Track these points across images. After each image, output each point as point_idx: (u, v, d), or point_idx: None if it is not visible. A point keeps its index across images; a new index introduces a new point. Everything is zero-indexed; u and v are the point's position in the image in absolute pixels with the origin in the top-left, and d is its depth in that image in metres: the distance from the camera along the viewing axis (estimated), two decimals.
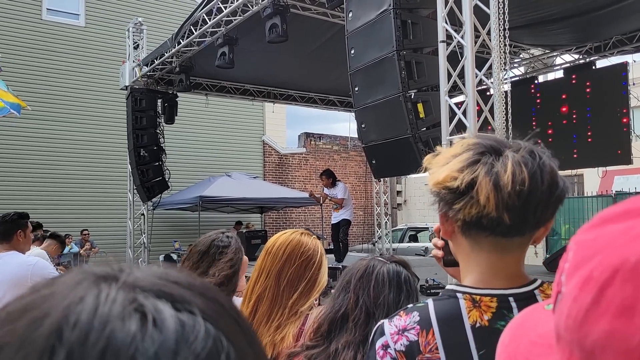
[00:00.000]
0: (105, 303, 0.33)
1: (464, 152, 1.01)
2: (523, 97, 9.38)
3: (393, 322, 1.07)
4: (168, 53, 9.56)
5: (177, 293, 0.36)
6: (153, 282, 0.36)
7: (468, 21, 4.74)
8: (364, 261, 1.68)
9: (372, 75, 5.29)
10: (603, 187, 13.81)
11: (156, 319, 0.33)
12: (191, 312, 0.34)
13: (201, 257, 2.10)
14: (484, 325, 1.00)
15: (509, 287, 1.02)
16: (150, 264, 0.41)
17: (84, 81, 14.15)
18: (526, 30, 8.52)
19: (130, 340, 0.31)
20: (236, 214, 15.22)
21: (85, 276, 0.36)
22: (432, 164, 1.05)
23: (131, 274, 0.37)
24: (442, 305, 1.05)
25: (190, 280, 0.38)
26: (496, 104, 4.88)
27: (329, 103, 13.13)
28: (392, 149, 5.22)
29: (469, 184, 0.96)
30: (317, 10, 7.80)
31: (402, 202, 19.28)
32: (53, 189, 13.58)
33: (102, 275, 0.36)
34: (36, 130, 13.33)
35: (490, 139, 1.04)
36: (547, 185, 0.97)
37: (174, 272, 0.39)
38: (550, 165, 0.99)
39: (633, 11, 7.89)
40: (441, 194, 1.00)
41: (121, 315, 0.32)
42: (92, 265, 0.39)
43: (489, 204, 0.94)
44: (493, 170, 0.95)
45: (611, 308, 0.37)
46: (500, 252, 1.02)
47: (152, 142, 10.68)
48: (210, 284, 0.40)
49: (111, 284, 0.35)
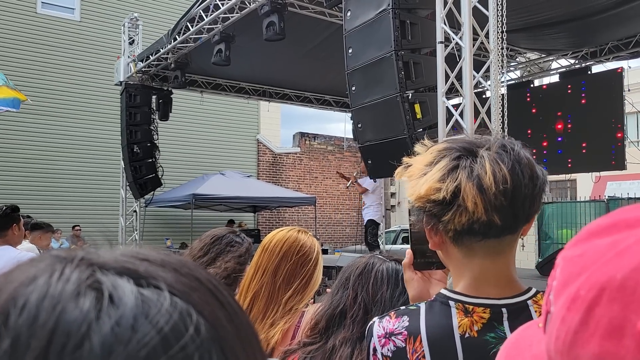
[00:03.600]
0: (57, 282, 0.32)
1: (439, 159, 0.97)
2: (518, 100, 9.41)
3: (382, 324, 1.05)
4: (164, 49, 9.51)
5: (143, 269, 0.34)
6: (116, 259, 0.34)
7: (467, 23, 4.73)
8: (363, 259, 1.68)
9: (370, 74, 5.28)
10: (596, 192, 13.88)
11: (113, 295, 0.31)
12: (156, 287, 0.33)
13: (213, 242, 2.08)
14: (473, 335, 0.97)
15: (501, 296, 1.00)
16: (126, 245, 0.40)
17: (78, 76, 14.06)
18: (523, 33, 8.54)
19: (83, 318, 0.30)
20: (229, 213, 15.17)
21: (44, 258, 0.35)
22: (407, 177, 1.02)
23: (94, 253, 0.35)
24: (433, 312, 1.02)
25: (164, 257, 0.37)
26: (493, 107, 4.88)
27: (324, 103, 13.11)
28: (388, 149, 5.20)
29: (453, 192, 0.93)
30: (315, 9, 7.78)
31: (396, 203, 19.29)
32: (44, 184, 13.49)
33: (62, 256, 0.35)
34: (29, 124, 13.22)
35: (459, 141, 1.01)
36: (529, 178, 0.95)
37: (146, 251, 0.37)
38: (526, 156, 0.97)
39: (629, 17, 7.93)
40: (427, 208, 0.97)
41: (74, 294, 0.31)
42: (60, 249, 0.37)
43: (477, 208, 0.92)
44: (473, 173, 0.93)
45: (599, 329, 0.35)
46: (492, 255, 0.99)
47: (145, 139, 10.62)
48: (190, 262, 0.38)
49: (67, 264, 0.33)
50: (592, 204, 12.88)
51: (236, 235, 2.13)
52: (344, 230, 17.41)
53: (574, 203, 13.35)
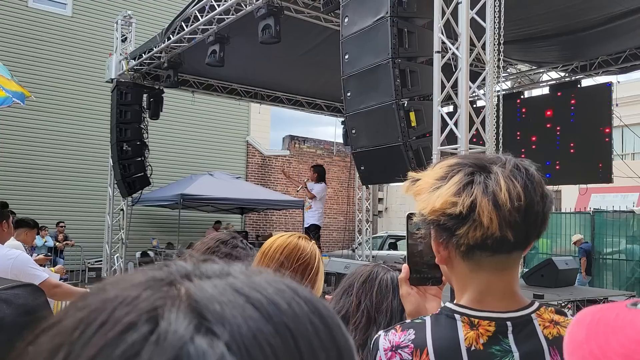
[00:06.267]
0: (125, 307, 0.32)
1: (452, 173, 0.98)
2: (509, 111, 9.49)
3: (388, 337, 1.05)
4: (157, 48, 9.45)
5: (219, 310, 0.32)
6: (204, 291, 0.33)
7: (464, 33, 4.77)
8: (367, 267, 1.68)
9: (366, 81, 5.30)
10: (580, 204, 14.06)
11: (161, 336, 0.30)
12: (214, 335, 0.31)
13: (218, 245, 2.05)
14: (479, 348, 0.98)
15: (506, 309, 1.01)
16: (254, 268, 0.38)
17: (69, 72, 13.93)
18: (515, 45, 8.63)
19: (121, 353, 0.30)
20: (216, 214, 15.10)
21: (147, 274, 0.36)
22: (417, 191, 1.02)
23: (195, 280, 0.35)
24: (439, 325, 1.03)
25: (273, 295, 0.34)
26: (488, 117, 4.92)
27: (315, 107, 13.12)
28: (381, 156, 5.23)
29: (469, 207, 0.94)
30: (311, 13, 7.79)
31: (384, 209, 19.35)
32: (30, 179, 13.31)
33: (159, 277, 0.35)
34: (16, 119, 13.04)
35: (469, 158, 1.02)
36: (540, 196, 0.97)
37: (265, 281, 0.35)
38: (538, 176, 0.99)
39: (619, 33, 8.05)
40: (441, 221, 0.97)
41: (130, 324, 0.31)
42: (180, 262, 0.37)
43: (492, 224, 0.93)
44: (488, 189, 0.94)
45: None
46: (500, 271, 1.01)
47: (135, 137, 10.53)
48: (301, 306, 0.35)
49: (154, 288, 0.34)
50: (577, 215, 13.05)
51: (240, 240, 2.11)
52: (331, 235, 17.41)
53: (559, 214, 13.52)
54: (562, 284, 7.00)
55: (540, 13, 7.39)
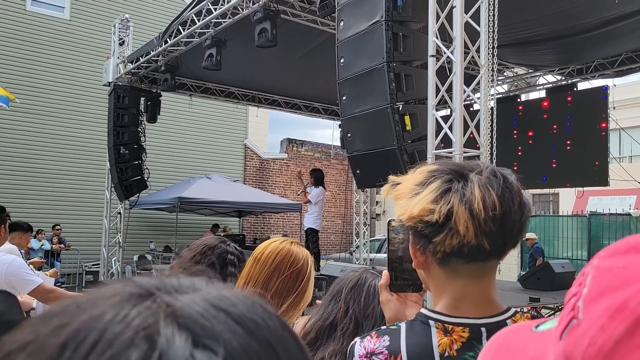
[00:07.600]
0: (118, 325, 0.31)
1: (431, 180, 0.98)
2: (505, 114, 9.52)
3: (363, 344, 1.05)
4: (154, 51, 9.46)
5: (209, 325, 0.32)
6: (191, 306, 0.33)
7: (459, 37, 4.79)
8: (356, 273, 1.68)
9: (361, 85, 5.31)
10: (578, 207, 14.06)
11: (162, 353, 0.30)
12: (211, 350, 0.31)
13: (205, 252, 2.05)
14: (452, 354, 0.99)
15: (480, 315, 1.01)
16: (217, 283, 0.39)
17: (66, 75, 13.93)
18: (511, 49, 8.66)
19: None
20: (214, 217, 15.09)
21: (120, 291, 0.34)
22: (396, 196, 1.02)
23: (173, 294, 0.34)
24: (414, 331, 1.03)
25: (246, 311, 0.35)
26: (482, 121, 4.93)
27: (313, 110, 13.13)
28: (377, 160, 5.23)
29: (446, 215, 0.94)
30: (307, 17, 7.81)
31: (381, 212, 19.34)
32: (27, 182, 13.30)
33: (137, 293, 0.34)
34: (13, 122, 13.05)
35: (449, 164, 1.02)
36: (518, 205, 0.96)
37: (234, 297, 0.35)
38: (517, 185, 0.99)
39: (615, 37, 8.08)
40: (418, 228, 0.97)
41: (127, 343, 0.30)
42: (143, 277, 0.37)
43: (468, 233, 0.93)
44: (465, 198, 0.94)
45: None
46: (476, 278, 1.01)
47: (132, 141, 10.54)
48: (277, 322, 0.36)
49: (138, 303, 0.33)
50: (574, 218, 13.06)
51: (227, 245, 2.11)
52: (328, 238, 17.41)
53: (556, 217, 13.53)
54: (558, 287, 7.00)
55: (535, 17, 7.41)
